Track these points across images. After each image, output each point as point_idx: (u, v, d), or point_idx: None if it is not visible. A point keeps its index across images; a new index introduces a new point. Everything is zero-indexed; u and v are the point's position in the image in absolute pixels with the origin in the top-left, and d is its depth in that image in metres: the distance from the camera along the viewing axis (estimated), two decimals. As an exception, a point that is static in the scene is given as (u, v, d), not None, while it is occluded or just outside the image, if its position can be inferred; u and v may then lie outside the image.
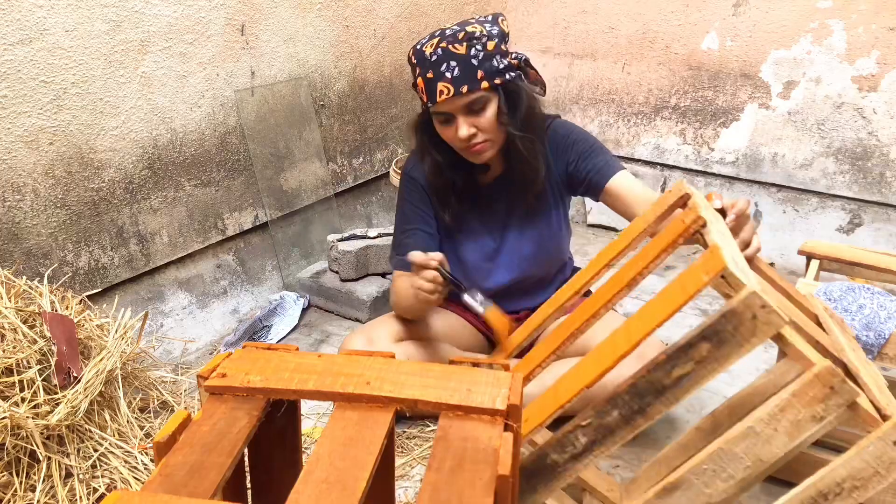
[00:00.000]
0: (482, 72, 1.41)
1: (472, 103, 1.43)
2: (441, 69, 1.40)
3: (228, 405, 0.79)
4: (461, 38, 1.41)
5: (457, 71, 1.40)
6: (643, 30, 2.63)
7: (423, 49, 1.43)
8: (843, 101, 2.30)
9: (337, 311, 2.20)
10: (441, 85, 1.41)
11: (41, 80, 1.64)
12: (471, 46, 1.41)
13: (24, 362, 1.28)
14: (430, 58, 1.41)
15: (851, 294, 1.33)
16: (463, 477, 0.68)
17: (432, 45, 1.42)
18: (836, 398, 0.92)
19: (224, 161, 2.12)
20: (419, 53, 1.44)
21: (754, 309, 0.91)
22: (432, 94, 1.42)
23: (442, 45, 1.41)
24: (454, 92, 1.40)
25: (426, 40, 1.45)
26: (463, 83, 1.40)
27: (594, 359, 1.04)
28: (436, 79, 1.41)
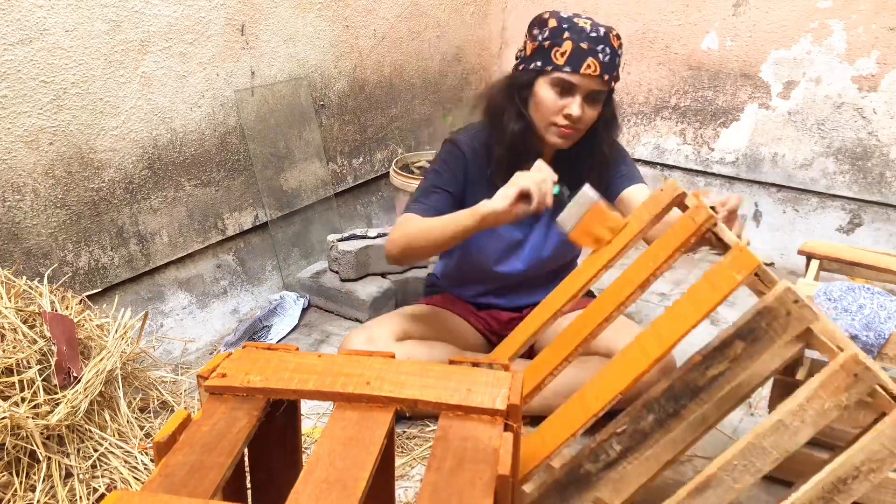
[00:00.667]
0: (617, 72, 1.48)
1: (598, 93, 1.47)
2: (598, 47, 1.43)
3: (228, 405, 0.79)
4: (615, 35, 1.47)
5: (609, 57, 1.44)
6: (643, 30, 2.63)
7: (575, 21, 1.45)
8: (843, 101, 2.30)
9: (337, 311, 2.20)
10: (591, 60, 1.43)
11: (41, 80, 1.64)
12: (620, 46, 1.48)
13: (24, 362, 1.28)
14: (590, 32, 1.43)
15: (851, 294, 1.33)
16: (463, 477, 0.68)
17: (587, 23, 1.44)
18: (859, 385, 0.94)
19: (224, 161, 2.12)
20: (568, 21, 1.45)
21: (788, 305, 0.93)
22: (577, 62, 1.43)
23: (601, 28, 1.44)
24: (600, 72, 1.43)
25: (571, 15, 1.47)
26: (609, 71, 1.45)
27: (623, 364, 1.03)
28: (589, 52, 1.43)
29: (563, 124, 1.48)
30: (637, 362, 1.01)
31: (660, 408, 1.02)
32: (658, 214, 1.17)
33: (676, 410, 1.01)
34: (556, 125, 1.49)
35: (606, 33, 1.45)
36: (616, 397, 1.01)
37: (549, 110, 1.48)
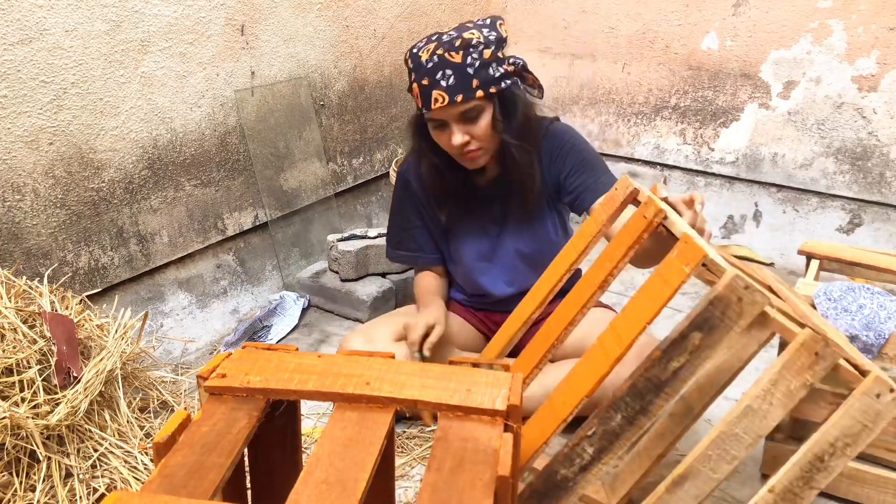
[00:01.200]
0: (477, 80, 1.41)
1: (467, 112, 1.43)
2: (436, 77, 1.40)
3: (228, 405, 0.79)
4: (458, 46, 1.40)
5: (452, 79, 1.39)
6: (643, 30, 2.63)
7: (420, 54, 1.43)
8: (843, 101, 2.30)
9: (337, 311, 2.20)
10: (436, 93, 1.40)
11: (41, 80, 1.64)
12: (467, 55, 1.40)
13: (24, 362, 1.28)
14: (426, 64, 1.41)
15: (851, 294, 1.33)
16: (463, 477, 0.68)
17: (428, 51, 1.42)
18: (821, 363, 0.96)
19: (224, 161, 2.12)
20: (415, 58, 1.44)
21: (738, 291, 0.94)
22: (427, 101, 1.42)
23: (438, 51, 1.40)
24: (449, 100, 1.40)
25: (423, 44, 1.45)
26: (458, 92, 1.40)
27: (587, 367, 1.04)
28: (431, 86, 1.41)
29: (459, 153, 1.49)
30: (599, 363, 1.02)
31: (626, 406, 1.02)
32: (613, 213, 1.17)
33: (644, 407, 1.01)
34: (460, 156, 1.50)
35: (442, 56, 1.39)
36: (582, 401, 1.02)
37: (443, 145, 1.51)
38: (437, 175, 1.59)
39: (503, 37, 1.47)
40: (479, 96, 1.41)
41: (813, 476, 0.97)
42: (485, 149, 1.49)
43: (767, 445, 1.44)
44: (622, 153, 2.80)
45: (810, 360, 0.96)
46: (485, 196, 1.64)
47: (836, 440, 0.96)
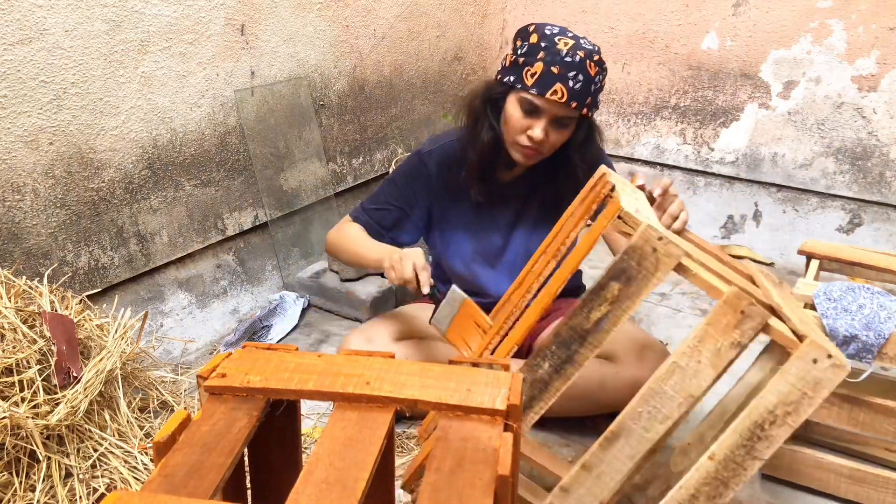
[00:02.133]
0: (591, 99, 1.44)
1: (566, 118, 1.45)
2: (570, 73, 1.40)
3: (228, 405, 0.79)
4: (596, 60, 1.42)
5: (580, 85, 1.40)
6: (643, 30, 2.63)
7: (556, 41, 1.41)
8: (842, 101, 2.30)
9: (337, 311, 2.20)
10: (560, 85, 1.40)
11: (41, 80, 1.64)
12: (599, 73, 1.43)
13: (24, 362, 1.28)
14: (565, 56, 1.39)
15: (851, 294, 1.33)
16: (463, 477, 0.68)
17: (567, 45, 1.40)
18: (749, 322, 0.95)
19: (224, 161, 2.12)
20: (550, 40, 1.42)
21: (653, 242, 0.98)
22: (544, 86, 1.40)
23: (580, 53, 1.40)
24: (567, 100, 1.40)
25: (556, 32, 1.44)
26: (577, 99, 1.41)
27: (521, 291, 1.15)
28: (559, 77, 1.39)
29: (525, 144, 1.47)
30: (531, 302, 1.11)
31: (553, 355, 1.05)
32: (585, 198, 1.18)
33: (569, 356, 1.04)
34: (519, 143, 1.49)
35: (584, 59, 1.40)
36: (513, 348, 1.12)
37: (514, 128, 1.48)
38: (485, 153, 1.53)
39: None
40: (583, 113, 1.44)
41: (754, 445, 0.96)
42: (544, 154, 1.50)
43: (767, 445, 1.44)
44: (622, 153, 2.80)
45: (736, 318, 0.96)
46: (504, 192, 1.63)
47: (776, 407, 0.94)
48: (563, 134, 1.47)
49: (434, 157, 1.63)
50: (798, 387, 0.93)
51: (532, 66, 1.42)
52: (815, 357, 0.92)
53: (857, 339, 1.27)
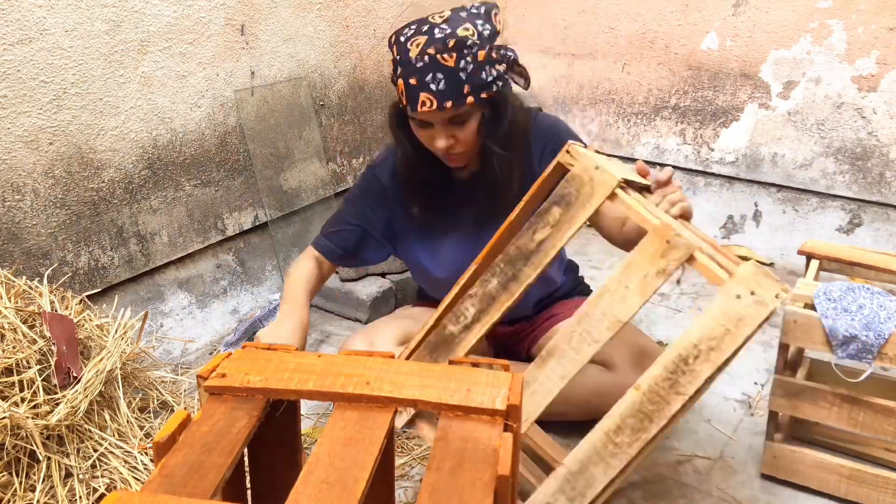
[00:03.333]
0: (469, 86, 1.32)
1: (454, 117, 1.36)
2: (426, 79, 1.31)
3: (228, 405, 0.79)
4: (451, 47, 1.30)
5: (442, 84, 1.31)
6: (643, 30, 2.63)
7: (408, 47, 1.33)
8: (842, 101, 2.30)
9: (337, 311, 2.20)
10: (424, 95, 1.32)
11: (41, 80, 1.64)
12: (461, 57, 1.31)
13: (24, 362, 1.28)
14: (416, 63, 1.32)
15: (851, 294, 1.33)
16: (463, 477, 0.68)
17: (418, 46, 1.32)
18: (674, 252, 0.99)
19: (224, 161, 2.12)
20: (402, 50, 1.34)
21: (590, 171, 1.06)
22: (413, 101, 1.34)
23: (429, 50, 1.31)
24: (438, 106, 1.32)
25: (411, 34, 1.35)
26: (448, 98, 1.31)
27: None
28: (419, 87, 1.32)
29: (441, 154, 1.42)
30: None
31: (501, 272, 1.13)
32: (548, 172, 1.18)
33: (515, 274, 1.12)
34: (442, 156, 1.43)
35: (434, 56, 1.30)
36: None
37: (425, 143, 1.43)
38: (413, 168, 1.50)
39: (497, 30, 1.38)
40: (469, 102, 1.33)
41: (678, 379, 0.96)
42: (467, 152, 1.43)
43: (767, 445, 1.44)
44: (622, 153, 2.80)
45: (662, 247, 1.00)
46: (463, 192, 1.56)
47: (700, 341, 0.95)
48: (469, 127, 1.38)
49: (387, 169, 1.57)
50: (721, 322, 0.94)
51: (398, 85, 1.36)
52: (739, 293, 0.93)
53: (856, 340, 1.27)
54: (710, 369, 0.94)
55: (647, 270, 1.01)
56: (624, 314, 1.02)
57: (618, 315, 1.02)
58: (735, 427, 1.65)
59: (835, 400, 1.34)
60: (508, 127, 1.42)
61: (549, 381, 1.07)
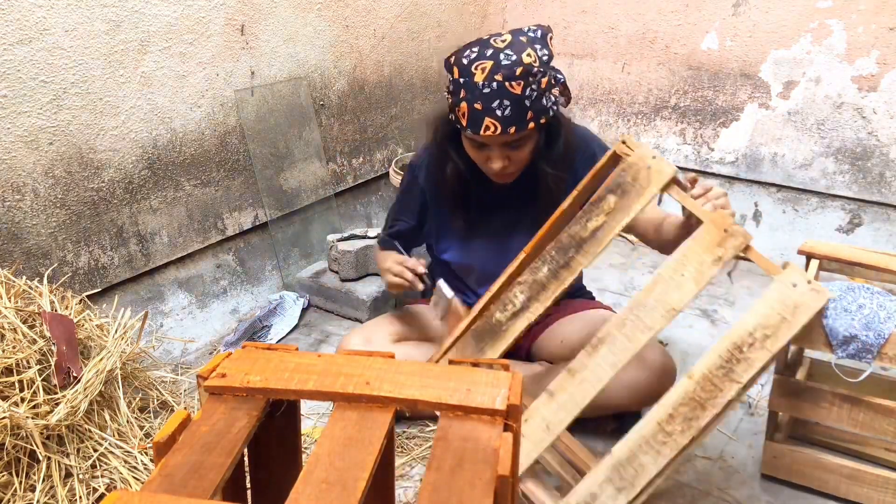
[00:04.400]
0: (532, 112, 1.36)
1: (513, 141, 1.40)
2: (493, 105, 1.33)
3: (228, 405, 0.79)
4: (518, 75, 1.32)
5: (508, 111, 1.34)
6: (643, 30, 2.63)
7: (474, 71, 1.34)
8: (842, 101, 2.30)
9: (337, 311, 2.20)
10: (489, 121, 1.34)
11: (41, 80, 1.64)
12: (527, 86, 1.33)
13: (24, 362, 1.28)
14: (483, 88, 1.33)
15: (851, 294, 1.33)
16: (463, 477, 0.68)
17: (484, 72, 1.33)
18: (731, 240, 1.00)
19: (224, 161, 2.12)
20: (467, 73, 1.35)
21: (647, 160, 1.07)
22: (476, 125, 1.36)
23: (497, 77, 1.32)
24: (502, 131, 1.35)
25: (475, 57, 1.35)
26: (512, 124, 1.35)
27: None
28: (485, 112, 1.34)
29: (493, 173, 1.47)
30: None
31: (552, 259, 1.13)
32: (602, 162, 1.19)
33: (566, 262, 1.12)
34: (489, 171, 1.49)
35: (502, 83, 1.32)
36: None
37: (477, 161, 1.48)
38: (460, 180, 1.55)
39: (552, 54, 1.41)
40: (530, 128, 1.37)
41: (733, 367, 0.96)
42: (517, 172, 1.49)
43: (767, 445, 1.44)
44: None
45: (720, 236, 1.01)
46: (500, 199, 1.62)
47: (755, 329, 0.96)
48: (524, 150, 1.43)
49: (420, 166, 1.67)
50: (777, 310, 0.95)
51: (459, 107, 1.38)
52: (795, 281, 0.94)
53: (856, 339, 1.27)
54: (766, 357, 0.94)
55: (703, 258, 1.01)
56: (679, 302, 1.02)
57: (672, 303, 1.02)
58: (735, 427, 1.65)
59: (835, 400, 1.34)
60: (563, 149, 1.47)
61: (599, 369, 1.06)
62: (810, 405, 1.36)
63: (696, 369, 0.98)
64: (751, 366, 0.95)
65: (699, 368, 0.98)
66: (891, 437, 1.32)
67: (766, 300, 0.95)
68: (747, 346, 0.96)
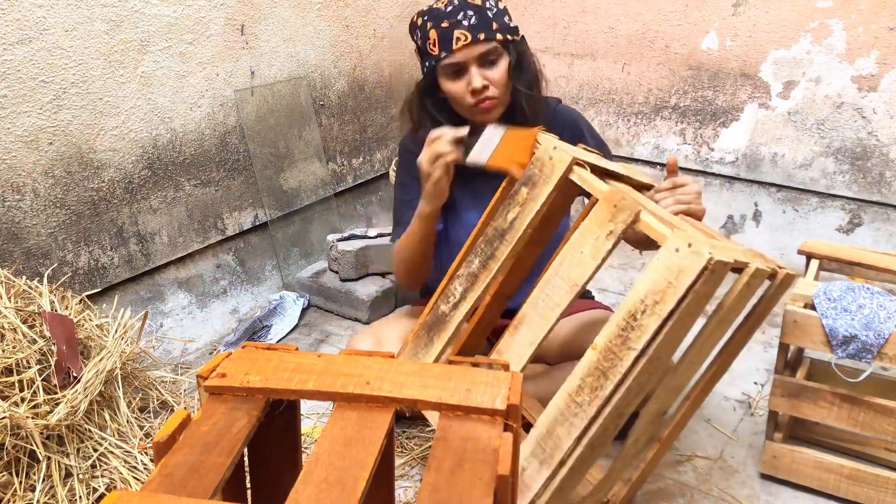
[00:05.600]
0: (497, 24, 1.44)
1: (487, 53, 1.45)
2: (458, 17, 1.42)
3: (228, 405, 0.79)
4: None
5: (474, 19, 1.42)
6: (643, 30, 2.63)
7: (437, 5, 1.45)
8: (842, 101, 2.30)
9: (337, 311, 2.20)
10: (458, 32, 1.42)
11: (41, 79, 1.64)
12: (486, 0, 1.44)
13: (24, 362, 1.28)
14: (446, 9, 1.43)
15: (851, 294, 1.33)
16: (463, 477, 0.68)
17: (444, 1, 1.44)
18: (621, 214, 1.05)
19: (224, 161, 2.12)
20: (431, 10, 1.45)
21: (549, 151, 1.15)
22: (447, 42, 1.43)
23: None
24: (472, 38, 1.42)
25: (430, 5, 1.47)
26: (480, 30, 1.42)
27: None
28: (452, 27, 1.42)
29: (476, 100, 1.47)
30: None
31: (482, 252, 1.21)
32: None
33: (492, 252, 1.20)
34: (472, 105, 1.48)
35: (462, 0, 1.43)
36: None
37: (459, 96, 1.49)
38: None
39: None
40: (499, 39, 1.44)
41: (628, 335, 1.00)
42: (500, 98, 1.49)
43: (767, 445, 1.44)
44: (622, 153, 2.80)
45: (611, 211, 1.06)
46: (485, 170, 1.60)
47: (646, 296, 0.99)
48: (499, 68, 1.46)
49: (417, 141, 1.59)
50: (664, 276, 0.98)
51: (429, 38, 1.45)
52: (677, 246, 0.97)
53: (856, 339, 1.27)
54: (656, 322, 0.97)
55: (597, 234, 1.07)
56: (580, 277, 1.08)
57: (574, 279, 1.09)
58: (735, 427, 1.65)
59: (835, 400, 1.34)
60: (533, 78, 1.52)
61: (520, 348, 1.14)
62: (810, 405, 1.36)
63: (599, 339, 1.03)
64: (644, 332, 0.98)
65: (601, 339, 1.03)
66: (891, 437, 1.32)
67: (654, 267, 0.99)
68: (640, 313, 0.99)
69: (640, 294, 0.99)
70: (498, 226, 1.20)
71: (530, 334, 1.13)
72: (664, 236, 1.01)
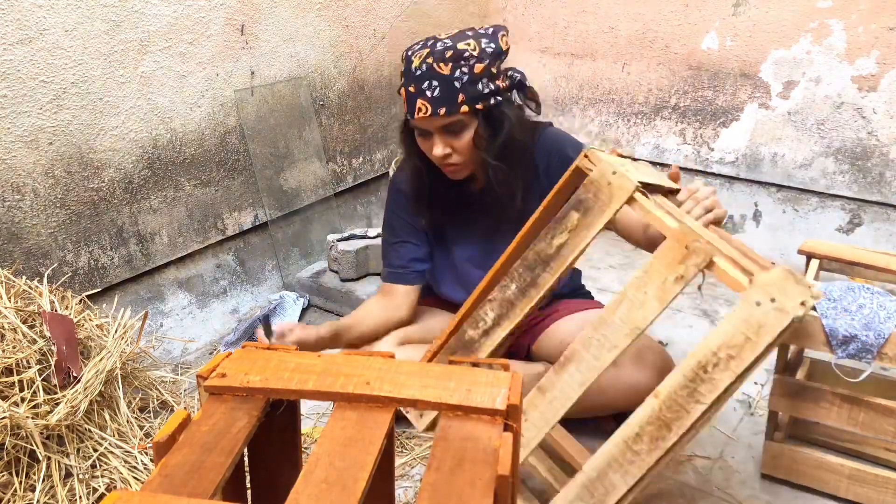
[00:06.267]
0: (463, 95, 1.38)
1: (449, 125, 1.41)
2: (423, 86, 1.38)
3: (228, 405, 0.79)
4: (448, 57, 1.37)
5: (437, 91, 1.37)
6: (643, 30, 2.63)
7: (412, 58, 1.41)
8: (842, 100, 2.30)
9: (337, 311, 2.20)
10: (420, 102, 1.39)
11: (41, 79, 1.64)
12: (456, 67, 1.37)
13: (24, 362, 1.28)
14: (415, 72, 1.39)
15: (851, 294, 1.33)
16: (463, 477, 0.68)
17: (420, 57, 1.39)
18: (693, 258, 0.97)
19: (224, 161, 2.12)
20: (408, 61, 1.42)
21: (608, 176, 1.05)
22: (412, 108, 1.41)
23: (428, 60, 1.38)
24: (431, 112, 1.38)
25: (418, 48, 1.42)
26: (441, 105, 1.38)
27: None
28: (416, 94, 1.39)
29: (440, 163, 1.48)
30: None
31: (519, 277, 1.13)
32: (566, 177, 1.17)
33: (533, 279, 1.11)
34: (439, 165, 1.49)
35: (431, 65, 1.37)
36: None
37: (426, 152, 1.49)
38: (420, 178, 1.57)
39: (502, 49, 1.43)
40: (463, 111, 1.39)
41: (697, 388, 0.94)
42: (465, 163, 1.47)
43: (767, 445, 1.44)
44: (622, 153, 2.80)
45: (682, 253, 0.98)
46: (476, 205, 1.61)
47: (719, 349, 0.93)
48: (462, 138, 1.43)
49: (403, 180, 1.64)
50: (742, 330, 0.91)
51: (402, 94, 1.44)
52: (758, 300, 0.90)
53: (856, 339, 1.27)
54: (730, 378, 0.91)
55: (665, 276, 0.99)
56: (642, 321, 1.00)
57: (636, 322, 1.01)
58: (735, 427, 1.65)
59: (835, 400, 1.34)
60: (505, 140, 1.45)
61: (568, 388, 1.06)
62: (810, 405, 1.36)
63: (662, 388, 0.97)
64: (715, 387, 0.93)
65: (664, 388, 0.97)
66: (891, 437, 1.32)
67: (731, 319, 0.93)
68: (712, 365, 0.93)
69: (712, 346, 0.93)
70: (541, 250, 1.10)
71: (579, 375, 1.05)
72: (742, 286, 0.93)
